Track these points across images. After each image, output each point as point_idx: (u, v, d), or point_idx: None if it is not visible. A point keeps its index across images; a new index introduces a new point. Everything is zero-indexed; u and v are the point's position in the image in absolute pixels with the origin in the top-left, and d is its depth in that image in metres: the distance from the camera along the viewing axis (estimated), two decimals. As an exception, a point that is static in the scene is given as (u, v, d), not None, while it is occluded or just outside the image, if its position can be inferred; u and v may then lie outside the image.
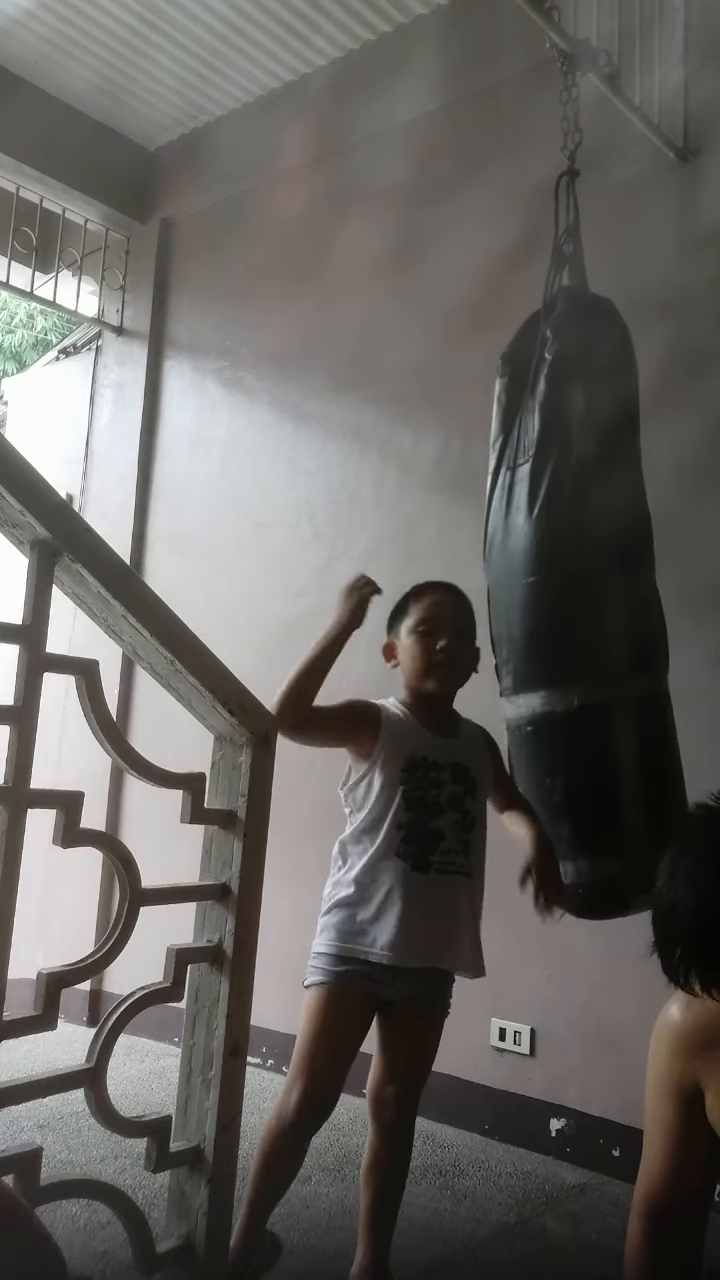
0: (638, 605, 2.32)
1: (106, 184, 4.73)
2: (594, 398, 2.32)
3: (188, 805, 1.51)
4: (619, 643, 2.27)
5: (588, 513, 2.27)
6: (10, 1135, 2.81)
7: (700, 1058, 1.26)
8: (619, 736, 2.24)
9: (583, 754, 2.26)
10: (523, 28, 2.78)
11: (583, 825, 2.26)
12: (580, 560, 2.26)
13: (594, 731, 2.25)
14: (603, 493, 2.28)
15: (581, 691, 2.23)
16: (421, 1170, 2.88)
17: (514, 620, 2.33)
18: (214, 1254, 1.45)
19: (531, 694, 2.28)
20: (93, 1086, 1.37)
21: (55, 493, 1.33)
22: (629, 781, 2.24)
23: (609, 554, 2.28)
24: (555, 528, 2.26)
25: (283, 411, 4.23)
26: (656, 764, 2.30)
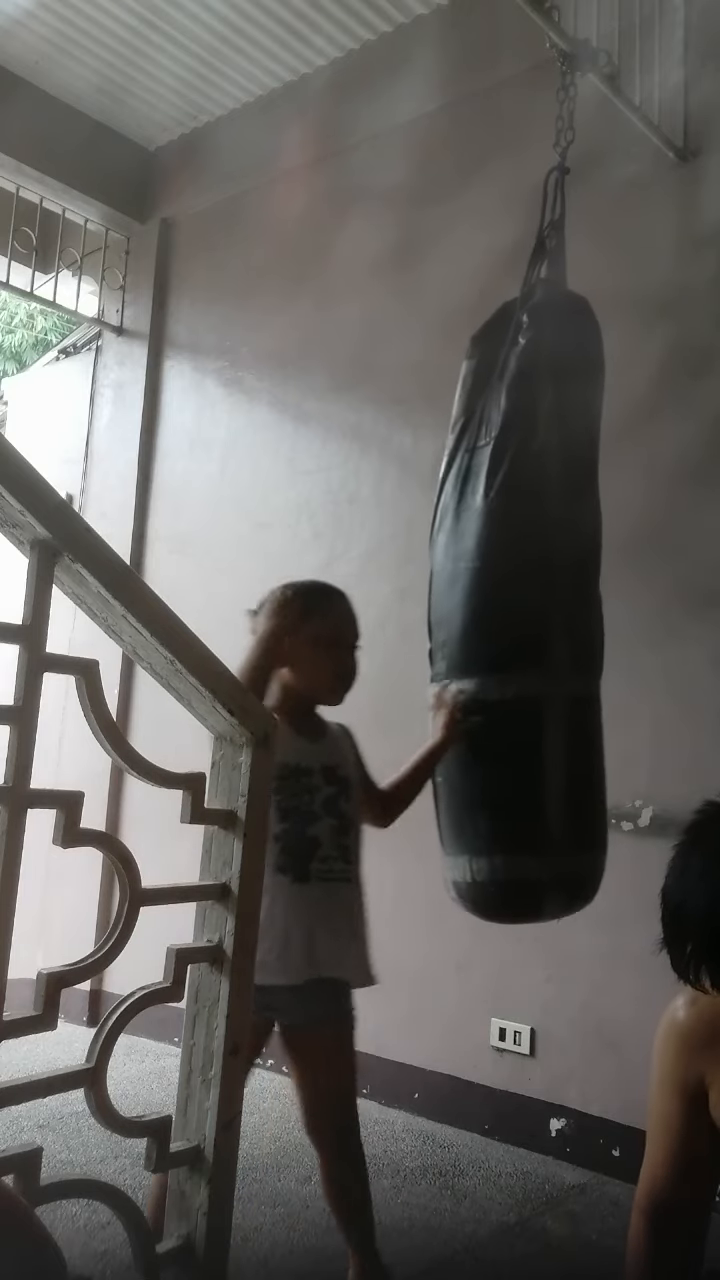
0: (582, 605, 2.26)
1: (106, 184, 4.73)
2: (562, 390, 2.25)
3: (188, 805, 1.50)
4: (561, 638, 2.20)
5: (545, 502, 2.20)
6: (10, 1135, 2.81)
7: (704, 1054, 1.27)
8: (550, 733, 2.16)
9: (512, 745, 2.16)
10: (523, 28, 2.78)
11: (501, 819, 2.16)
12: (532, 549, 2.18)
13: (526, 724, 2.16)
14: (560, 484, 2.22)
15: (520, 681, 2.15)
16: (421, 1170, 2.88)
17: (456, 603, 2.23)
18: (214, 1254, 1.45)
19: (466, 680, 2.20)
20: (93, 1086, 1.36)
21: (55, 493, 1.33)
22: (554, 779, 2.15)
23: (558, 547, 2.21)
24: (511, 513, 2.19)
25: (283, 411, 4.23)
26: (583, 767, 2.22)
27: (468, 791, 2.21)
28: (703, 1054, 1.27)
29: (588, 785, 2.23)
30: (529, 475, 2.20)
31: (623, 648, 3.12)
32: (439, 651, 2.28)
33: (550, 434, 2.23)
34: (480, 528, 2.21)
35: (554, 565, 2.20)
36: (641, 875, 2.45)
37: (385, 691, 3.73)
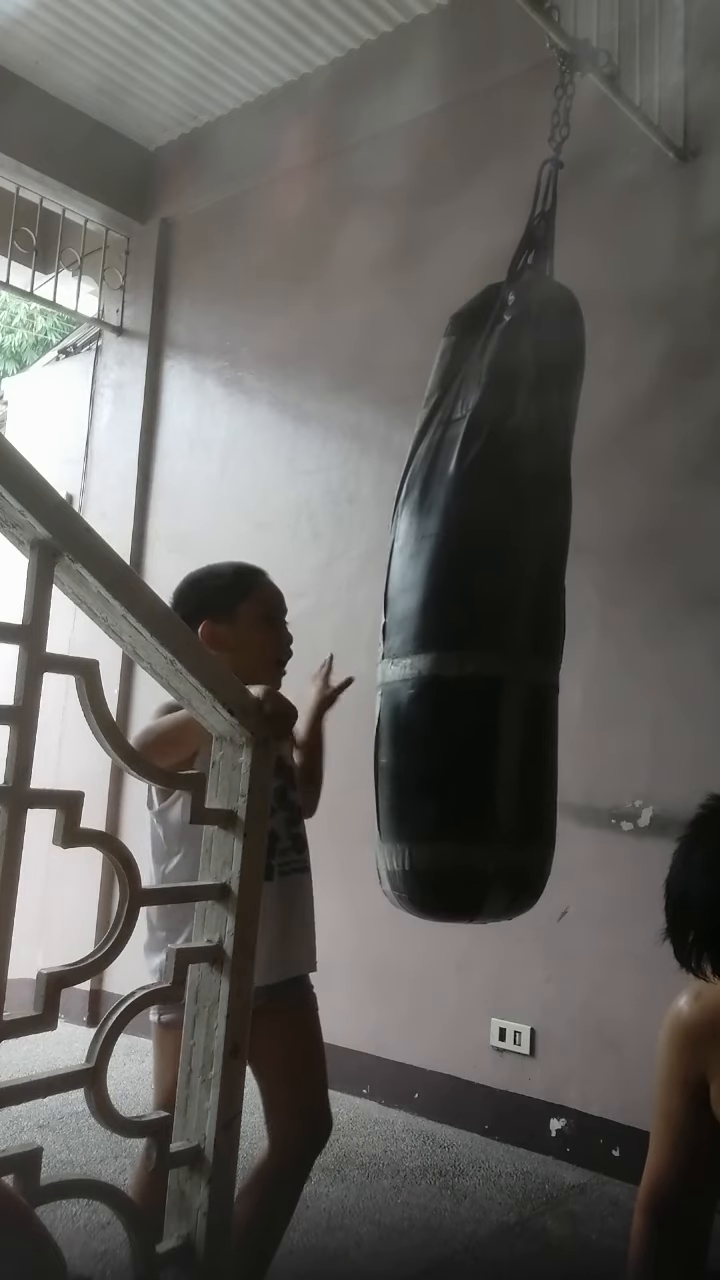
0: (546, 589, 2.17)
1: (106, 184, 4.73)
2: (543, 373, 2.21)
3: (188, 805, 1.50)
4: (523, 620, 2.11)
5: (517, 481, 2.14)
6: (10, 1135, 2.81)
7: (705, 1049, 1.28)
8: (506, 715, 2.05)
9: (465, 725, 2.05)
10: (523, 28, 2.78)
11: (449, 803, 2.04)
12: (499, 527, 2.11)
13: (482, 704, 2.05)
14: (533, 466, 2.16)
15: (478, 660, 2.05)
16: (421, 1170, 2.88)
17: (416, 576, 2.15)
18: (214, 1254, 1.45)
19: (421, 655, 2.09)
20: (93, 1086, 1.36)
21: (55, 493, 1.33)
22: (507, 765, 2.03)
23: (527, 530, 2.14)
24: (482, 487, 2.12)
25: (283, 411, 4.23)
26: (537, 757, 2.10)
27: (415, 772, 2.09)
28: (704, 1049, 1.28)
29: (540, 775, 2.11)
30: (503, 451, 2.14)
31: (623, 648, 3.13)
32: (394, 626, 2.17)
33: (528, 414, 2.17)
34: (448, 500, 2.14)
35: (521, 546, 2.12)
36: (642, 875, 2.45)
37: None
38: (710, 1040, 1.27)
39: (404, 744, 2.10)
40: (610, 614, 3.12)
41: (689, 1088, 1.29)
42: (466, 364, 2.29)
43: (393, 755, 2.12)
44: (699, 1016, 1.28)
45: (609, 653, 3.10)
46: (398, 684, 2.12)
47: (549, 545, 2.21)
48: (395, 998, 3.47)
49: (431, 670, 2.06)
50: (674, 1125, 1.31)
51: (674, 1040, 1.32)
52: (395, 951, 3.44)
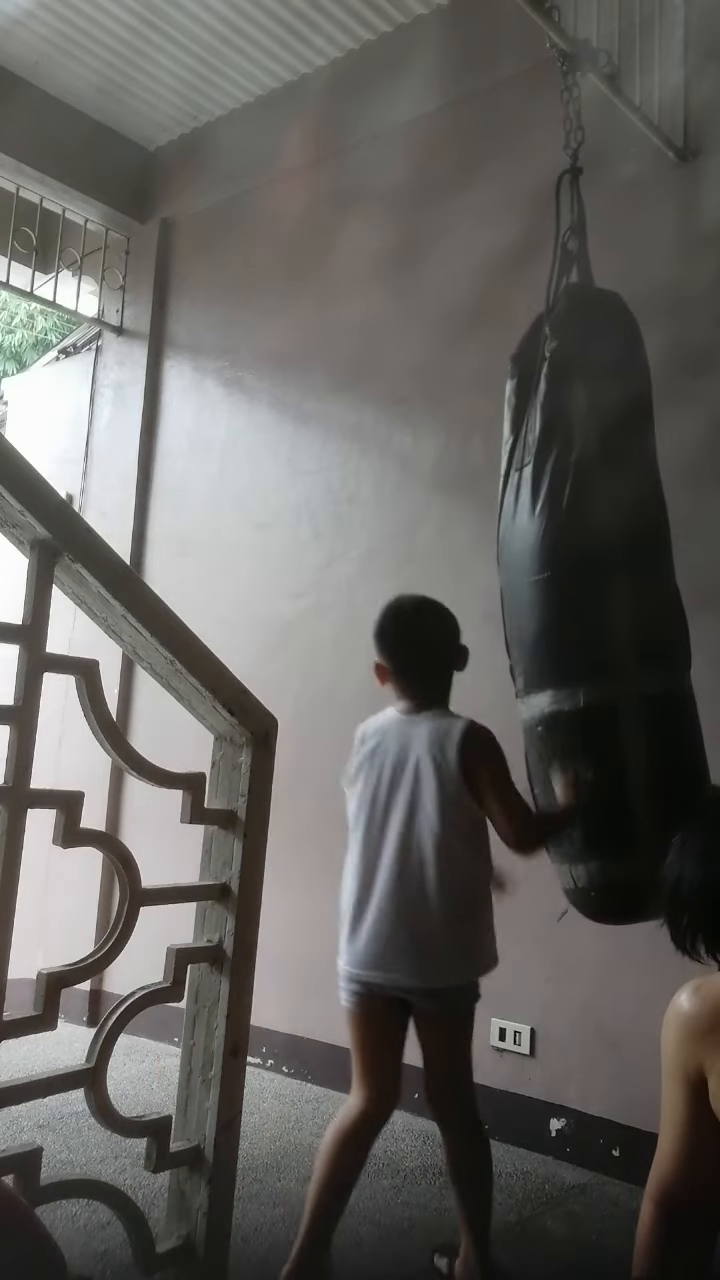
0: (646, 600, 2.29)
1: (106, 184, 4.73)
2: (597, 393, 2.30)
3: (188, 805, 1.51)
4: (624, 639, 2.24)
5: (588, 509, 2.25)
6: (10, 1135, 2.81)
7: (704, 1042, 1.28)
8: (626, 735, 2.20)
9: (589, 754, 2.23)
10: (523, 28, 2.77)
11: (591, 827, 2.23)
12: (580, 558, 2.24)
13: (600, 730, 2.21)
14: (605, 488, 2.26)
15: (587, 690, 2.21)
16: (421, 1170, 2.88)
17: (521, 621, 2.33)
18: (214, 1254, 1.45)
19: (540, 694, 2.27)
20: (93, 1086, 1.37)
21: (55, 493, 1.33)
22: (638, 781, 2.19)
23: (611, 550, 2.26)
24: (555, 526, 2.25)
25: (283, 411, 4.23)
26: (671, 762, 2.24)
27: (555, 803, 2.29)
28: (703, 1042, 1.29)
29: (678, 779, 2.23)
30: (570, 486, 2.26)
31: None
32: (516, 669, 2.37)
33: (588, 441, 2.27)
34: (531, 544, 2.29)
35: (606, 569, 2.25)
36: (641, 875, 2.44)
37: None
38: (708, 1034, 1.28)
39: (543, 777, 2.31)
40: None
41: (689, 1081, 1.30)
42: (529, 407, 2.38)
43: (539, 787, 2.34)
44: (698, 1010, 1.30)
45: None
46: (528, 722, 2.33)
47: (640, 559, 2.32)
48: (395, 998, 3.46)
49: (550, 707, 2.27)
50: (677, 1117, 1.32)
51: (674, 1034, 1.33)
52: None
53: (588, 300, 2.44)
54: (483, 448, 3.52)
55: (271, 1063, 3.62)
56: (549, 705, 2.25)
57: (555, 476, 2.27)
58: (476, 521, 3.50)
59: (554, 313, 2.40)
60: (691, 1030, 1.30)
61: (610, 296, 2.45)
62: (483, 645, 2.41)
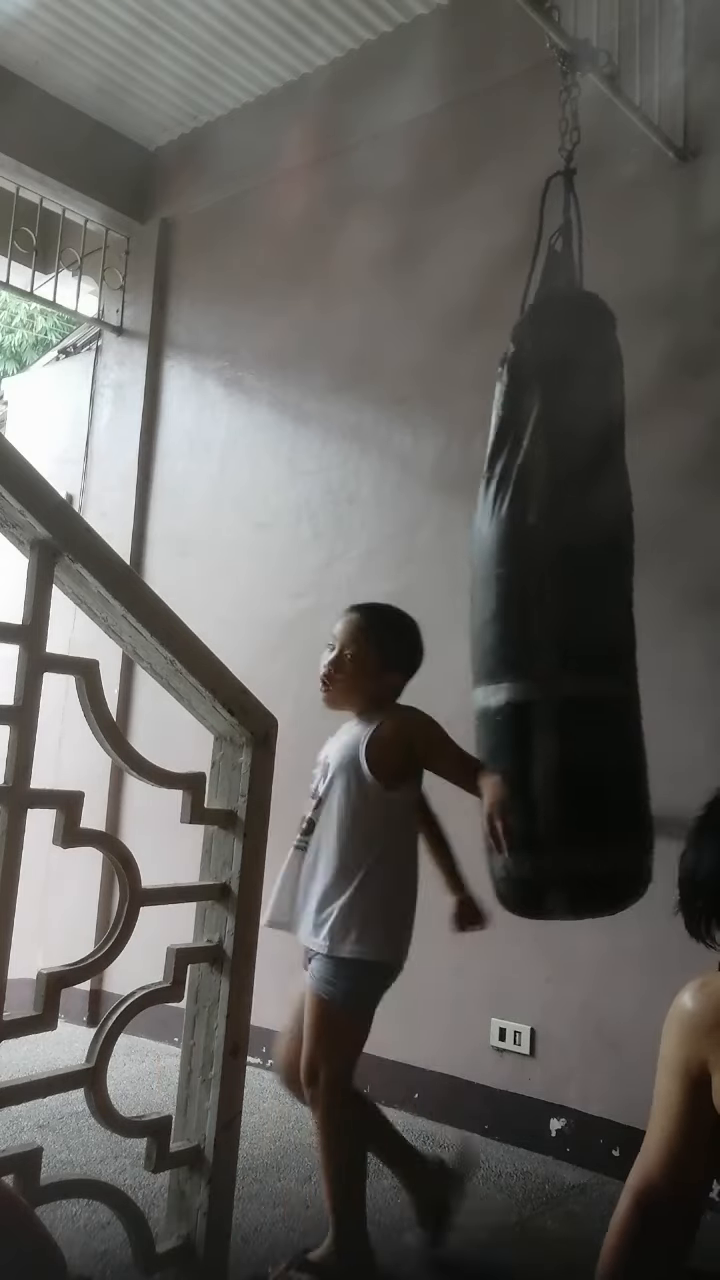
0: (583, 605, 2.32)
1: (106, 184, 4.73)
2: (553, 400, 2.34)
3: (188, 805, 1.51)
4: (548, 642, 2.29)
5: (529, 513, 2.32)
6: (10, 1135, 2.81)
7: (709, 1039, 1.28)
8: (539, 736, 2.26)
9: (508, 751, 2.30)
10: (523, 28, 2.78)
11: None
12: (518, 562, 2.32)
13: (517, 729, 2.30)
14: (554, 494, 2.32)
15: (511, 689, 2.29)
16: (421, 1170, 2.88)
17: (472, 618, 2.43)
18: (214, 1254, 1.45)
19: (478, 688, 2.39)
20: (93, 1086, 1.37)
21: (55, 493, 1.33)
22: (544, 781, 2.24)
23: (551, 555, 2.31)
24: (501, 531, 2.35)
25: (283, 411, 4.23)
26: (585, 764, 2.27)
27: None
28: (707, 1038, 1.28)
29: (593, 781, 2.27)
30: (511, 492, 2.34)
31: (623, 648, 3.12)
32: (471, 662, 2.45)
33: (537, 445, 2.33)
34: (482, 546, 2.38)
35: (542, 573, 2.30)
36: (641, 875, 2.45)
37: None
38: (714, 1031, 1.28)
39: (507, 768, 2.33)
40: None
41: (690, 1078, 1.29)
42: (502, 412, 2.47)
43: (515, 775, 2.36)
44: (704, 1006, 1.29)
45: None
46: (477, 710, 2.40)
47: (585, 565, 2.34)
48: (395, 998, 3.46)
49: (481, 702, 2.35)
50: (672, 1114, 1.31)
51: (676, 1029, 1.32)
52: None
53: (555, 305, 2.47)
54: (483, 448, 3.52)
55: (271, 1062, 3.62)
56: (481, 699, 2.36)
57: (502, 479, 2.37)
58: (476, 521, 3.50)
59: (520, 320, 2.45)
60: (696, 1027, 1.29)
61: (583, 300, 2.46)
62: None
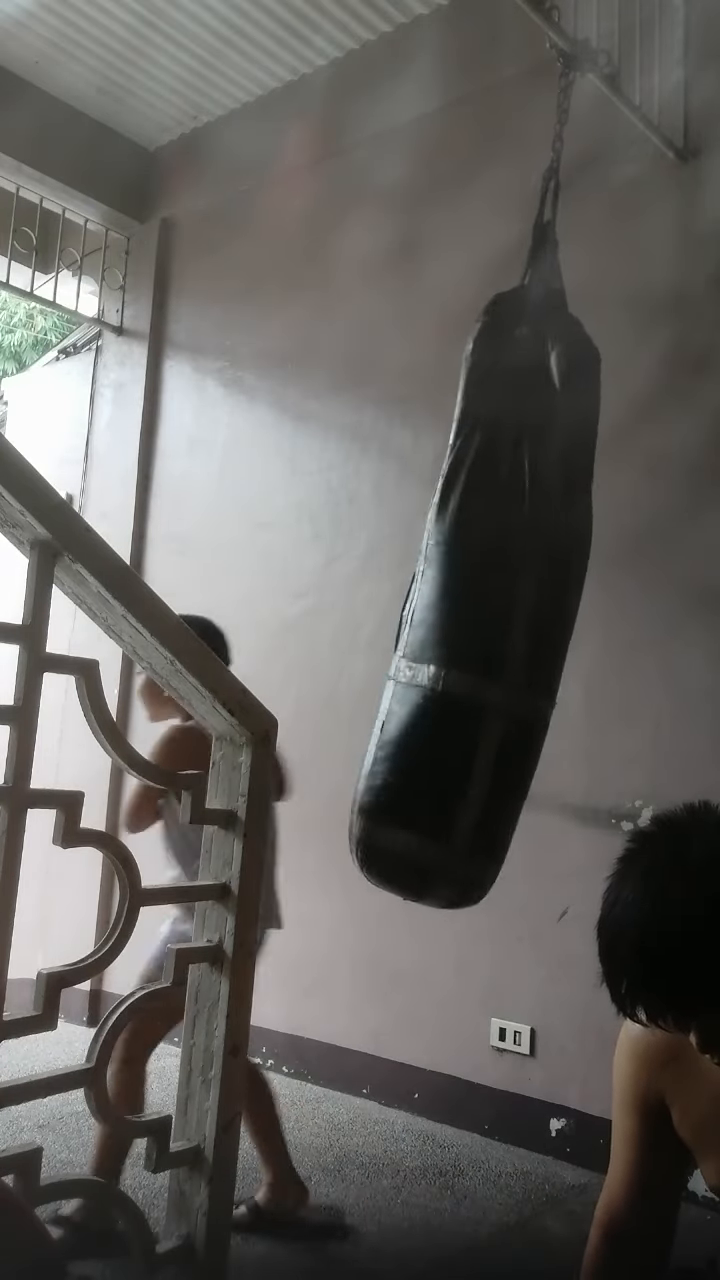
0: (546, 623, 2.28)
1: (106, 184, 4.73)
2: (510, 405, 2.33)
3: (188, 805, 1.50)
4: (517, 652, 2.23)
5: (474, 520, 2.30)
6: (10, 1135, 2.81)
7: (664, 1071, 1.25)
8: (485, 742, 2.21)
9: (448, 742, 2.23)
10: (523, 28, 2.77)
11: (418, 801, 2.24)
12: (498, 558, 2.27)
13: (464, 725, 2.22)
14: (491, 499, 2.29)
15: (469, 682, 2.22)
16: (421, 1170, 2.88)
17: (430, 588, 2.35)
18: (214, 1254, 1.45)
19: (427, 665, 2.29)
20: (93, 1086, 1.36)
21: (55, 493, 1.33)
22: (476, 786, 2.19)
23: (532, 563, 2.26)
24: (451, 522, 2.33)
25: (283, 411, 4.23)
26: (504, 783, 2.22)
27: (397, 766, 2.27)
28: (662, 1072, 1.25)
29: (503, 801, 2.23)
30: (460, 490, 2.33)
31: (623, 648, 3.13)
32: (412, 627, 2.36)
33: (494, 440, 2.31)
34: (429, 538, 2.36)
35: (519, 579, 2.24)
36: (641, 875, 2.44)
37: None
38: (667, 1063, 1.25)
39: (398, 740, 2.26)
40: (611, 614, 3.12)
41: (648, 1109, 1.27)
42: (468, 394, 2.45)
43: (387, 744, 2.28)
44: (655, 1039, 1.24)
45: (610, 653, 3.11)
46: (405, 685, 2.28)
47: (553, 579, 2.28)
48: (395, 998, 3.47)
49: (431, 683, 2.23)
50: (632, 1146, 1.29)
51: (629, 1063, 1.29)
52: (395, 951, 3.45)
53: (512, 310, 2.45)
54: (483, 448, 3.52)
55: (271, 1063, 3.62)
56: (428, 680, 2.27)
57: (453, 471, 2.36)
58: (476, 521, 3.50)
59: (485, 311, 2.44)
60: (650, 1060, 1.26)
61: (543, 299, 2.44)
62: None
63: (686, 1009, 1.05)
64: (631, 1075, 1.28)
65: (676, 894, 1.04)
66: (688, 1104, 1.24)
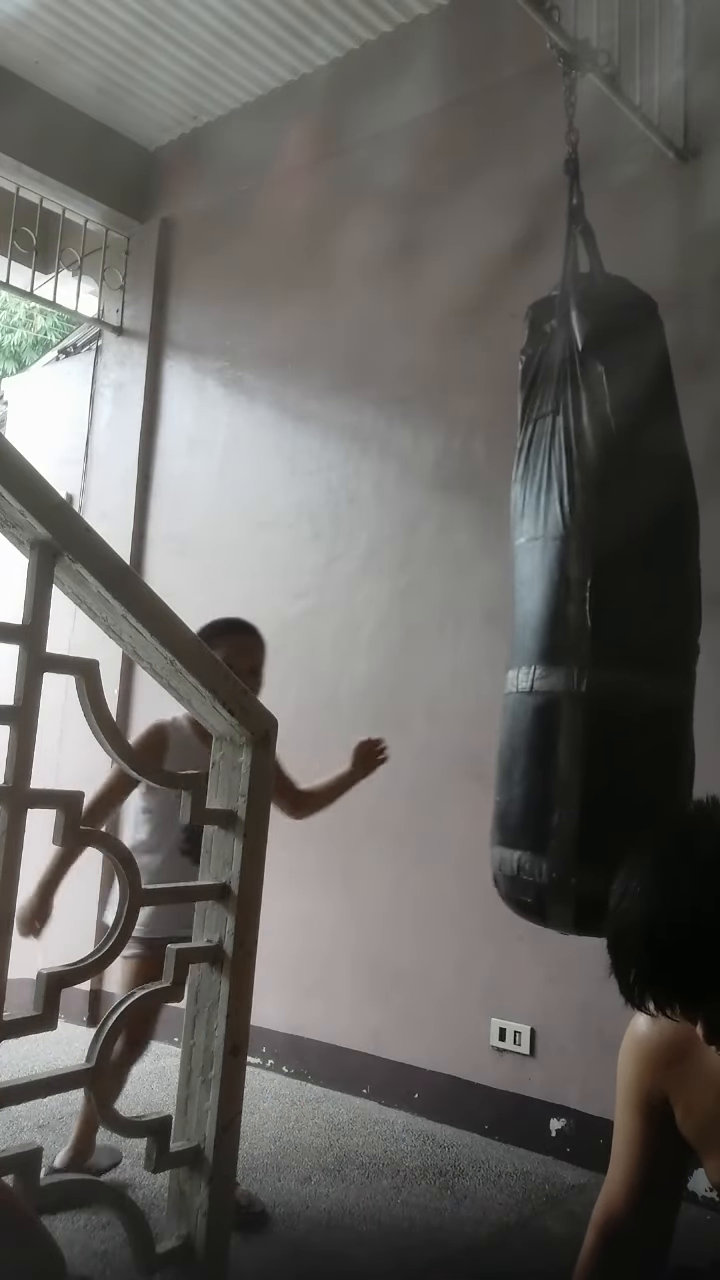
0: (639, 596, 2.18)
1: (106, 184, 4.73)
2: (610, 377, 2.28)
3: (188, 805, 1.50)
4: (574, 636, 2.13)
5: (612, 490, 2.23)
6: (10, 1135, 2.81)
7: (668, 1071, 1.25)
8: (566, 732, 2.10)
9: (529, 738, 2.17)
10: (523, 28, 2.77)
11: (513, 818, 2.18)
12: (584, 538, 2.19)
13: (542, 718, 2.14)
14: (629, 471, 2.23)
15: (542, 676, 2.14)
16: (421, 1170, 2.88)
17: (524, 596, 2.27)
18: (214, 1254, 1.45)
19: (509, 670, 2.25)
20: (93, 1086, 1.36)
21: (55, 493, 1.33)
22: (567, 786, 2.08)
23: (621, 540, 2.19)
24: (572, 497, 2.22)
25: (283, 411, 4.23)
26: (594, 771, 2.10)
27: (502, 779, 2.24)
28: (665, 1071, 1.25)
29: (611, 787, 2.10)
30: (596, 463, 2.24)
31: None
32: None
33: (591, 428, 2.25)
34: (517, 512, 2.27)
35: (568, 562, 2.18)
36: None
37: (388, 690, 3.74)
38: (672, 1063, 1.25)
39: (502, 752, 2.24)
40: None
41: (651, 1109, 1.27)
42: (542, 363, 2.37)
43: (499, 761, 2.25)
44: (659, 1038, 1.26)
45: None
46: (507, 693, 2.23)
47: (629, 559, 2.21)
48: (395, 998, 3.47)
49: (508, 687, 2.19)
50: (634, 1147, 1.29)
51: (633, 1062, 1.29)
52: (395, 951, 3.45)
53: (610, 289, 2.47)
54: (483, 448, 3.52)
55: (271, 1063, 3.62)
56: (508, 683, 2.22)
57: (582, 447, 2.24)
58: (476, 521, 3.50)
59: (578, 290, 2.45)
60: (654, 1060, 1.27)
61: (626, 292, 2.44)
62: (483, 645, 2.39)
63: (694, 999, 1.07)
64: (635, 1075, 1.28)
65: (686, 886, 1.06)
66: (691, 1103, 1.25)
